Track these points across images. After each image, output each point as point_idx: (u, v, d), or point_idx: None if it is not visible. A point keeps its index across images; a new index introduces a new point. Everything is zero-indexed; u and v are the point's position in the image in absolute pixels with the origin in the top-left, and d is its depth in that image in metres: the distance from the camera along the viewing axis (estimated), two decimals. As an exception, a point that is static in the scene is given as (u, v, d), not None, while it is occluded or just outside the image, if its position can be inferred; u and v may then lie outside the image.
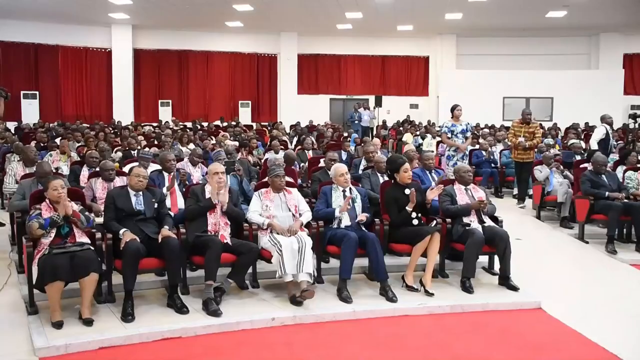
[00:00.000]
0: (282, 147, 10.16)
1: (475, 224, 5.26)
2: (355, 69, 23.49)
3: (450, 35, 22.00)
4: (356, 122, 18.09)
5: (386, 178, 5.89)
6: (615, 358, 3.96)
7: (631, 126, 13.79)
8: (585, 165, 7.79)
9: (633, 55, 21.84)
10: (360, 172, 7.16)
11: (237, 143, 10.26)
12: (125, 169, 6.57)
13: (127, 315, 4.33)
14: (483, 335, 4.41)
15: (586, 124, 18.10)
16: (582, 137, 14.34)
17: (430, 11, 18.09)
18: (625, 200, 6.77)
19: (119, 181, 5.87)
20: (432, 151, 10.08)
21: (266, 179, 5.43)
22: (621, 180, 7.27)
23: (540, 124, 10.27)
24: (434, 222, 5.30)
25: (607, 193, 6.87)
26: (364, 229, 5.22)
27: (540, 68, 21.26)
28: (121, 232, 4.58)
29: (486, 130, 15.25)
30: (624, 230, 6.98)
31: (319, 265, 5.18)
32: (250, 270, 5.06)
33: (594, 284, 5.78)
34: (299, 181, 7.57)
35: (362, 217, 5.22)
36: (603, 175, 7.12)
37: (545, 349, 4.17)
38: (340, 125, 19.21)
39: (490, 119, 18.83)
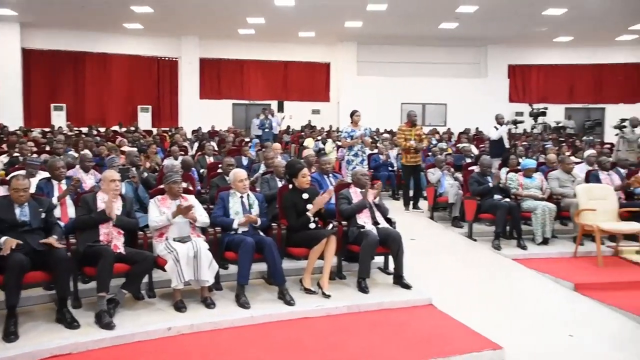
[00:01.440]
0: (181, 152, 10.00)
1: (369, 226, 5.45)
2: (257, 74, 23.46)
3: (351, 43, 22.54)
4: (267, 130, 17.20)
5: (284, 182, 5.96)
6: (496, 346, 4.24)
7: (513, 131, 14.90)
8: (473, 167, 8.31)
9: (516, 66, 23.51)
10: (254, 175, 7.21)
11: (135, 149, 9.94)
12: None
13: (10, 335, 4.05)
14: (378, 333, 4.56)
15: (477, 128, 19.26)
16: (473, 141, 15.27)
17: (331, 19, 18.46)
18: (507, 200, 7.30)
19: (2, 190, 5.50)
20: (331, 150, 10.32)
21: (162, 186, 5.33)
22: (504, 181, 7.82)
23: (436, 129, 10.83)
24: (330, 225, 5.44)
25: (490, 184, 7.43)
26: (261, 233, 5.26)
27: (435, 76, 22.35)
28: (1, 240, 4.26)
29: (386, 135, 15.83)
30: (507, 228, 7.49)
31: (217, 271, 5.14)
32: (146, 279, 4.94)
33: (480, 278, 6.17)
34: (199, 187, 7.50)
35: (254, 217, 5.23)
36: (488, 177, 7.64)
37: (434, 342, 4.39)
38: (242, 131, 19.13)
39: (389, 124, 19.56)
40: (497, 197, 7.37)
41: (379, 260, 5.87)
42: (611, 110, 22.29)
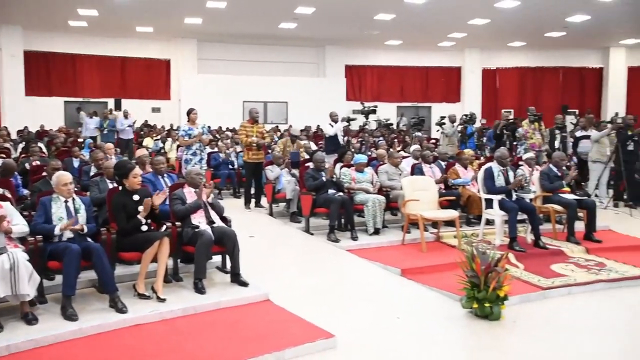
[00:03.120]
0: (1, 155, 9.14)
1: (204, 226, 5.42)
2: (92, 70, 22.05)
3: (191, 40, 22.14)
4: (106, 132, 15.42)
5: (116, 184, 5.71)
6: (328, 335, 4.44)
7: (351, 128, 15.68)
8: (309, 164, 8.62)
9: (352, 67, 24.84)
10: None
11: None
12: None
13: None
14: (214, 333, 4.54)
15: (317, 126, 19.97)
16: (313, 138, 15.81)
17: (170, 14, 17.97)
18: (341, 194, 7.69)
19: None
20: (170, 149, 10.07)
21: (-28, 193, 4.83)
22: (338, 176, 8.21)
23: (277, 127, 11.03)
24: (164, 226, 5.32)
25: (323, 178, 7.80)
26: (89, 239, 4.98)
27: (276, 74, 22.82)
28: None
29: (229, 132, 15.81)
30: (342, 220, 7.88)
31: (40, 283, 4.77)
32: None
33: (316, 270, 6.42)
34: (25, 192, 6.96)
35: (79, 226, 4.95)
36: (323, 172, 7.99)
37: (270, 337, 4.46)
38: (76, 130, 17.90)
39: (231, 123, 19.56)
40: (331, 191, 7.73)
41: (217, 259, 5.86)
42: (436, 108, 24.51)
